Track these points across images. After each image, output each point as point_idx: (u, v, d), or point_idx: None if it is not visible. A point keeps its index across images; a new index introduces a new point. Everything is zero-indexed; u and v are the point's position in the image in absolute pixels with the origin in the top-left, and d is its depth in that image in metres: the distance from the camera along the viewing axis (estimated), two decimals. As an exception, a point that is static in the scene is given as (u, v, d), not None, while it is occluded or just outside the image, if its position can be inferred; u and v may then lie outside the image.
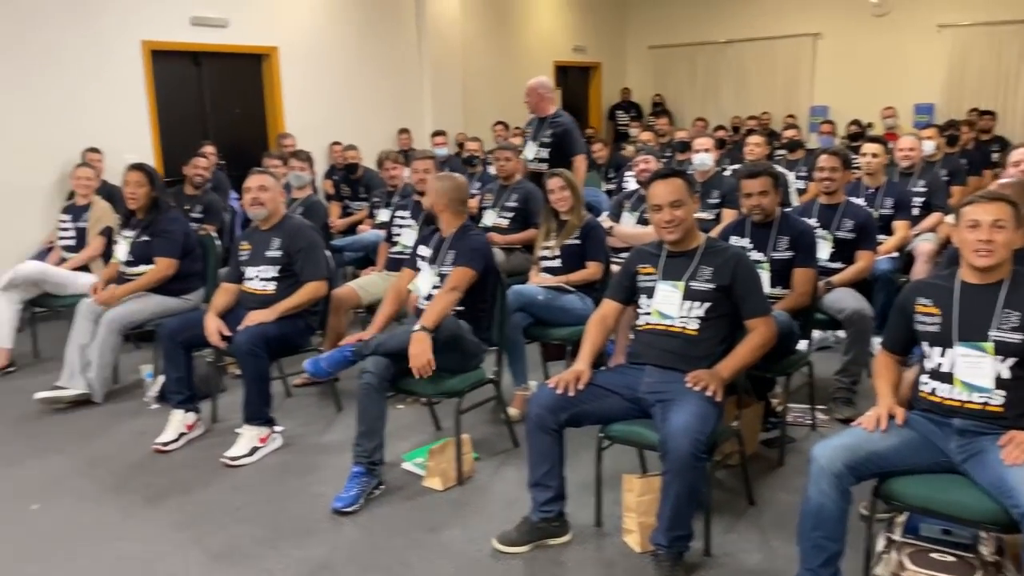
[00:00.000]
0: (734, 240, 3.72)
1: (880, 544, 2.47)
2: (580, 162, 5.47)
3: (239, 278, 3.90)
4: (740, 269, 2.79)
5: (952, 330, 2.34)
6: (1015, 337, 2.23)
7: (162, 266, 4.30)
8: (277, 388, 4.11)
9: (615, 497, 2.96)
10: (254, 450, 3.60)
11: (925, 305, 2.41)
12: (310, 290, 3.78)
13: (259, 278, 3.81)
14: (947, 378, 2.34)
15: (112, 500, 3.27)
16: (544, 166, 5.34)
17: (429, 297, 3.43)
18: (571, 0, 12.12)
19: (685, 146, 6.98)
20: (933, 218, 5.03)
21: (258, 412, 3.64)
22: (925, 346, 2.41)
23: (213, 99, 7.83)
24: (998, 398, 2.25)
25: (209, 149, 6.36)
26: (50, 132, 6.30)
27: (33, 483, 3.44)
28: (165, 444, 3.70)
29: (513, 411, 3.87)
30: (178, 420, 3.78)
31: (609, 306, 3.02)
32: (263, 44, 7.95)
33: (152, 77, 7.07)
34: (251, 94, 8.14)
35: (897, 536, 2.43)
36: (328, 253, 4.13)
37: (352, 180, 7.09)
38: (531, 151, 5.55)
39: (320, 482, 3.31)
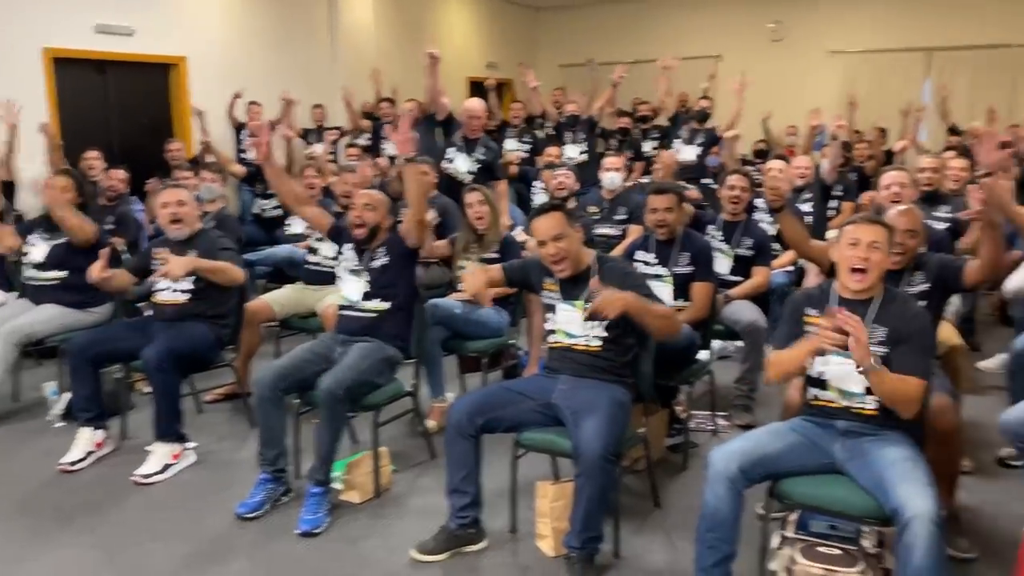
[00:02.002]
0: (639, 255, 3.92)
1: (775, 541, 2.64)
2: (503, 187, 5.90)
3: (139, 271, 3.88)
4: (627, 281, 2.91)
5: None
6: (881, 350, 2.44)
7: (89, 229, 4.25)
8: (188, 404, 4.07)
9: (529, 503, 3.06)
10: (166, 467, 3.56)
11: (812, 316, 2.61)
12: (228, 265, 3.75)
13: (172, 289, 3.78)
14: (824, 384, 2.55)
15: (18, 522, 3.18)
16: (471, 178, 5.51)
17: (366, 296, 3.48)
18: (483, 16, 12.32)
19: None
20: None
21: (169, 429, 3.60)
22: None
23: (119, 109, 7.62)
24: (871, 403, 2.47)
25: (93, 154, 6.18)
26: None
27: (-70, 507, 3.32)
28: (72, 463, 3.62)
29: (431, 423, 3.94)
30: (86, 438, 3.70)
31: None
32: (170, 54, 7.80)
33: (54, 85, 6.85)
34: (159, 104, 7.97)
35: (790, 533, 2.61)
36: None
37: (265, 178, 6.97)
38: (465, 165, 5.73)
39: (236, 497, 3.29)
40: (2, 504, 3.33)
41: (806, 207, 5.48)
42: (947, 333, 3.45)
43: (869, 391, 2.47)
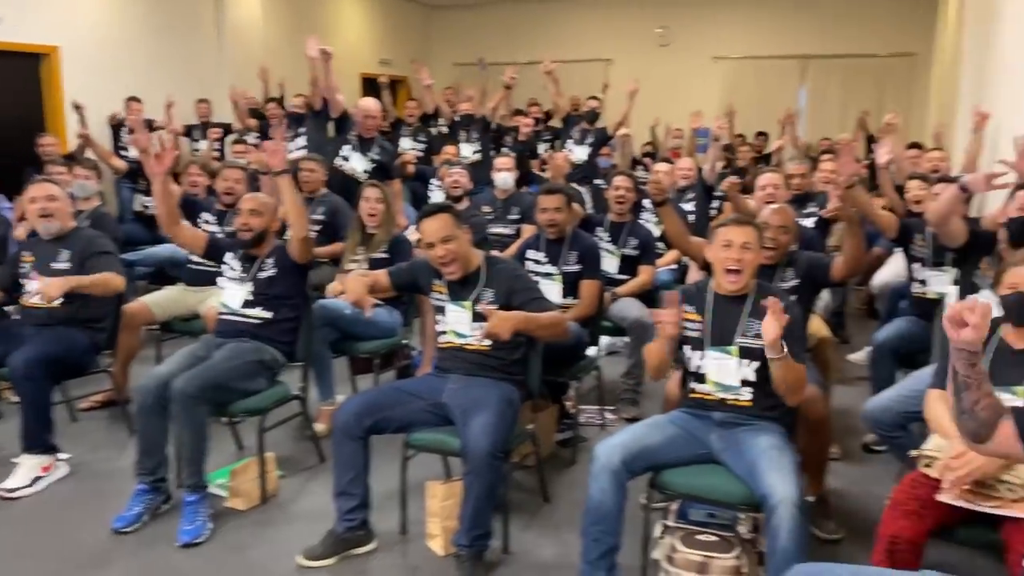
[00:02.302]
0: (530, 254, 3.97)
1: (657, 531, 2.74)
2: (398, 186, 5.88)
3: (8, 282, 3.66)
4: (516, 284, 2.95)
5: (706, 336, 2.65)
6: (757, 343, 2.56)
7: None
8: (61, 413, 3.86)
9: (420, 504, 3.06)
10: (35, 480, 3.37)
11: (690, 312, 2.72)
12: (107, 277, 3.54)
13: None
14: (702, 378, 2.66)
15: None
16: (367, 178, 5.45)
17: (247, 304, 3.40)
18: (376, 13, 12.19)
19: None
20: None
21: (38, 440, 3.40)
22: (687, 349, 2.70)
23: (-18, 99, 7.17)
24: (746, 395, 2.59)
25: None
26: None
27: None
28: (-72, 480, 3.39)
29: (320, 426, 3.87)
30: (-56, 453, 3.47)
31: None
32: (41, 43, 7.38)
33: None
34: (29, 96, 7.52)
35: (671, 522, 2.71)
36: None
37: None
38: (361, 164, 5.70)
39: (112, 510, 3.14)
40: None
41: (689, 206, 5.68)
42: (817, 326, 3.65)
43: (744, 383, 2.59)
